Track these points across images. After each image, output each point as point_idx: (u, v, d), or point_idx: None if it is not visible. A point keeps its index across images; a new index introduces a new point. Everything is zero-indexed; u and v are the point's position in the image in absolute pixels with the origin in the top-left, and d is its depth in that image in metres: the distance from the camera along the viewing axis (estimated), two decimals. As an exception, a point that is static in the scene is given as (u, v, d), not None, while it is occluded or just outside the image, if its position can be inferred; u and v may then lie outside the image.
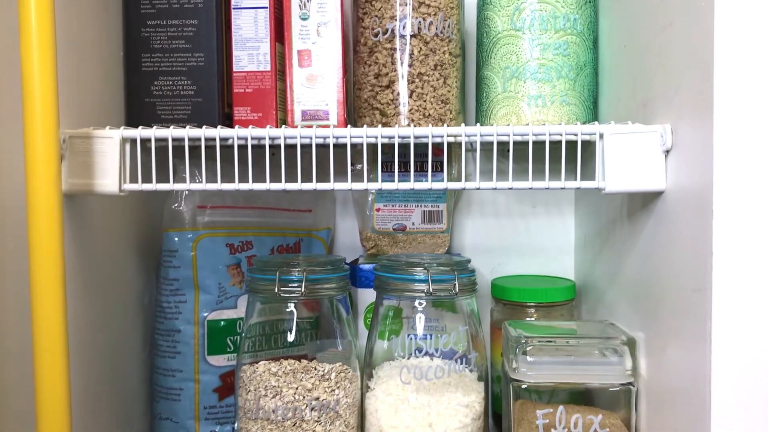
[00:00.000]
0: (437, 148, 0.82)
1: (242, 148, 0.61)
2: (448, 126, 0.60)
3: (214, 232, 0.73)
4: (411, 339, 0.66)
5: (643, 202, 0.61)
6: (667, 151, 0.56)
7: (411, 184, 0.59)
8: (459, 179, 0.82)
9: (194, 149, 0.63)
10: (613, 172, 0.56)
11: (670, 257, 0.55)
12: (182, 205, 0.72)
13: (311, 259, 0.69)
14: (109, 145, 0.58)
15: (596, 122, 0.60)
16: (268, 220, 0.79)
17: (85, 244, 0.63)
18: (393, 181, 0.82)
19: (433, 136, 0.58)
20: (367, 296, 0.80)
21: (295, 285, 0.64)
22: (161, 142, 0.61)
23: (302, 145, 0.63)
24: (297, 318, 0.67)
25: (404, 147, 0.64)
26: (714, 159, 0.48)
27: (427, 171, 0.81)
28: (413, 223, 0.83)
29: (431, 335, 0.67)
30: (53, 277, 0.53)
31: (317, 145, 0.61)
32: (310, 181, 0.60)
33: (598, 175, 0.57)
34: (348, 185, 0.59)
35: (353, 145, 0.61)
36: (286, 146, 0.61)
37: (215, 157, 0.60)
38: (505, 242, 0.89)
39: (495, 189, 0.58)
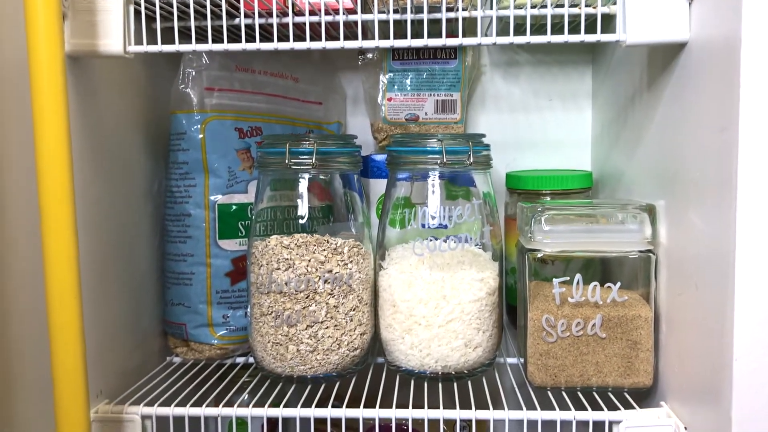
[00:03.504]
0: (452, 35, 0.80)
1: (249, 29, 0.60)
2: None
3: (222, 115, 0.71)
4: (424, 215, 0.65)
5: (664, 63, 0.59)
6: (692, -1, 0.53)
7: (425, 41, 0.57)
8: (473, 67, 0.81)
9: (200, 37, 0.62)
10: (633, 23, 0.54)
11: (693, 110, 0.53)
12: (189, 86, 0.70)
13: (322, 136, 0.68)
14: (113, 2, 0.56)
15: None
16: (277, 107, 0.77)
17: (91, 118, 0.62)
18: (404, 70, 0.81)
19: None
20: (379, 187, 0.78)
21: (306, 157, 0.63)
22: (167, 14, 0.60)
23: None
24: (309, 205, 0.66)
25: (417, 33, 0.61)
26: (743, 4, 0.46)
27: (440, 58, 0.79)
28: (426, 113, 0.81)
29: (445, 224, 0.65)
30: (58, 139, 0.51)
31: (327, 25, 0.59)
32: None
33: (618, 28, 0.55)
34: (358, 43, 0.57)
35: (363, 35, 0.58)
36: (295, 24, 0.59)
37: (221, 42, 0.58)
38: (520, 137, 0.87)
39: (512, 44, 0.56)
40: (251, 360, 0.73)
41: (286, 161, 0.62)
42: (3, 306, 0.52)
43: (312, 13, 0.60)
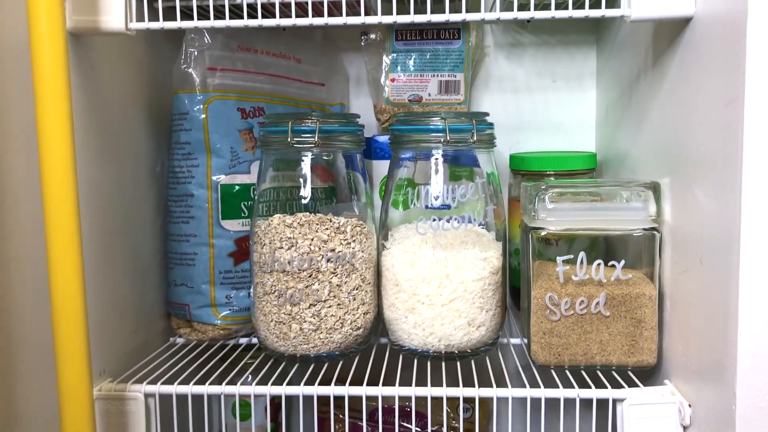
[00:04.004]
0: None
1: (251, 8, 0.59)
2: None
3: (225, 95, 0.71)
4: (427, 195, 0.64)
5: (669, 39, 0.58)
6: (698, -28, 0.53)
7: (428, 16, 0.56)
8: (477, 48, 0.80)
9: (201, 16, 0.61)
10: (639, -3, 0.54)
11: (699, 85, 0.53)
12: (191, 66, 0.70)
13: (325, 114, 0.67)
14: (114, -21, 0.56)
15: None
16: (280, 88, 0.77)
17: (93, 96, 0.61)
18: (408, 51, 0.80)
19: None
20: (382, 169, 0.78)
21: (309, 135, 0.62)
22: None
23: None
24: (312, 186, 0.66)
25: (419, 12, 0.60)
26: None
27: (443, 38, 0.79)
28: (429, 94, 0.80)
29: (449, 204, 0.65)
30: (60, 117, 0.51)
31: (329, 3, 0.59)
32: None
33: (623, 3, 0.55)
34: (361, 19, 0.57)
35: (365, 12, 0.58)
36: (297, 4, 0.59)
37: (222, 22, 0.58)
38: (524, 119, 0.87)
39: (515, 19, 0.55)
40: (254, 340, 0.74)
41: (289, 140, 0.62)
42: (6, 285, 0.52)
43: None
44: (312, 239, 0.62)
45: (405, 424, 0.82)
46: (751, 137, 0.45)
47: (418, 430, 0.81)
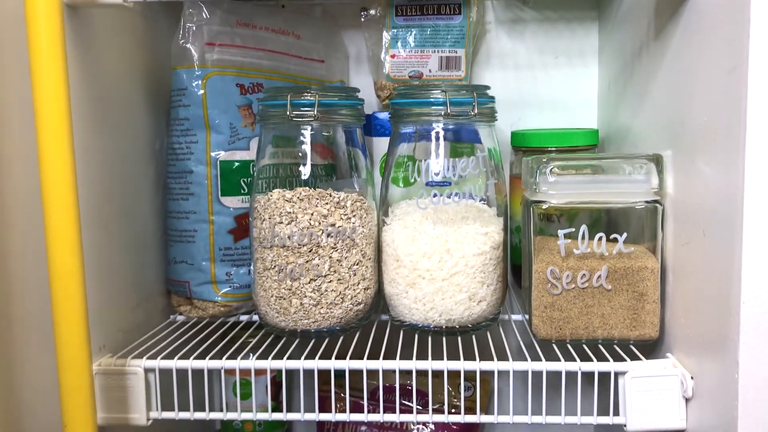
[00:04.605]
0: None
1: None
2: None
3: (223, 71, 0.70)
4: (428, 169, 0.64)
5: (672, 8, 0.58)
6: (702, -62, 0.52)
7: (427, -15, 0.56)
8: (478, 24, 0.79)
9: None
10: (642, -35, 0.53)
11: (702, 54, 0.52)
12: (190, 41, 0.69)
13: (324, 87, 0.67)
14: (110, -51, 0.56)
15: None
16: (279, 64, 0.76)
17: (90, 71, 0.61)
18: (408, 26, 0.79)
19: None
20: (382, 146, 0.77)
21: (308, 108, 0.62)
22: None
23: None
24: (312, 163, 0.65)
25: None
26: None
27: (444, 13, 0.78)
28: (430, 70, 0.80)
29: (449, 179, 0.64)
30: (57, 92, 0.50)
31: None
32: None
33: (626, -29, 0.54)
34: (360, -12, 0.56)
35: None
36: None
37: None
38: (525, 96, 0.86)
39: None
40: (255, 318, 0.73)
41: (288, 113, 0.62)
42: (5, 260, 0.52)
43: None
44: (312, 214, 0.62)
45: (406, 402, 0.82)
46: (754, 104, 0.45)
47: (420, 408, 0.81)
